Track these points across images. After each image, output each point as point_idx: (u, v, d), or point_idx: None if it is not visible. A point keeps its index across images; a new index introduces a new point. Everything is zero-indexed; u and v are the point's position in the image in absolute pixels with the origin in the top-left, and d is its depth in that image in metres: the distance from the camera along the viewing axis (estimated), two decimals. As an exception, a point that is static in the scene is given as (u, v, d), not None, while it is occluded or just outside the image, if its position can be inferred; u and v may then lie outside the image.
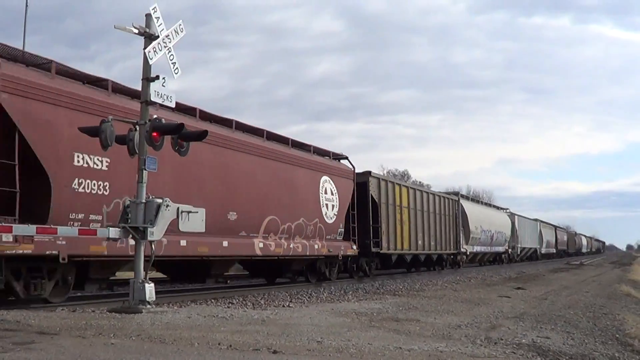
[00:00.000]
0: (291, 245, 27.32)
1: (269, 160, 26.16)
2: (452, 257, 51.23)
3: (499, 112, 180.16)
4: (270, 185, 26.02)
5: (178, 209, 16.43)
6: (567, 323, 16.70)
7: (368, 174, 35.67)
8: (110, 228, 16.02)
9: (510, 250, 69.15)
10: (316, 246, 29.32)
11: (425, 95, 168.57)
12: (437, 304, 19.92)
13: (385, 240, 36.57)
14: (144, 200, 15.97)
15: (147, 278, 15.88)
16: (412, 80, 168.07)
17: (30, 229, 15.36)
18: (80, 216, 17.26)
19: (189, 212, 16.81)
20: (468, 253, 53.71)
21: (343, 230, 32.18)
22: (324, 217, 30.30)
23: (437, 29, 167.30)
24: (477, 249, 57.31)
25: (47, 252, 16.18)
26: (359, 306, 18.39)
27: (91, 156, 17.61)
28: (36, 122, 16.37)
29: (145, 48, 16.08)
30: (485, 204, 73.37)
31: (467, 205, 55.60)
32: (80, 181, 17.33)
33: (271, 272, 30.27)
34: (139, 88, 16.73)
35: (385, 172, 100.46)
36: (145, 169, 16.08)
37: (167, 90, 16.59)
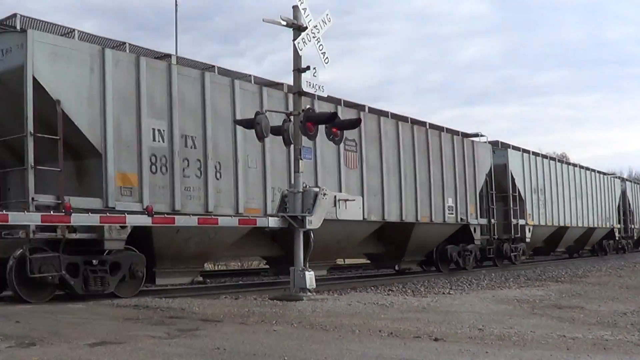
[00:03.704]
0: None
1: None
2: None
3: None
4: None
5: (335, 197, 16.52)
6: None
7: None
8: (270, 217, 16.29)
9: None
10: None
11: (579, 74, 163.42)
12: (600, 290, 19.35)
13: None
14: (301, 190, 16.13)
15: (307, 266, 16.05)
16: (565, 60, 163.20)
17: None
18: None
19: (346, 200, 16.89)
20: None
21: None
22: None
23: (587, 6, 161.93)
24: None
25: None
26: (520, 293, 18.06)
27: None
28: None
29: (294, 39, 16.22)
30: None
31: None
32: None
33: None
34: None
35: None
36: (301, 159, 16.25)
37: (318, 80, 16.69)
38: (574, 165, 43.58)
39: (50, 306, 13.62)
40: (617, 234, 48.60)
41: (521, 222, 33.22)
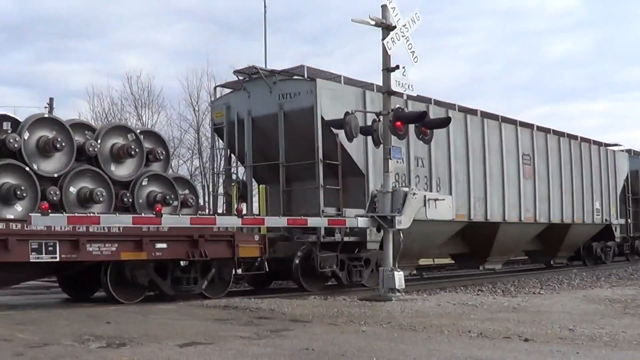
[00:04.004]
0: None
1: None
2: None
3: None
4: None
5: (425, 196, 16.51)
6: None
7: None
8: (359, 217, 16.37)
9: None
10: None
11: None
12: (698, 290, 18.93)
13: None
14: (390, 190, 16.16)
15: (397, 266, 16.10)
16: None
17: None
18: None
19: (435, 199, 16.86)
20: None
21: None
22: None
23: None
24: None
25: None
26: (612, 292, 17.77)
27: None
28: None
29: (383, 39, 16.26)
30: None
31: None
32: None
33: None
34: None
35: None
36: (391, 159, 16.28)
37: (408, 80, 16.71)
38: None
39: (140, 307, 13.98)
40: None
41: None
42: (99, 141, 16.04)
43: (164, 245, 15.63)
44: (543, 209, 27.96)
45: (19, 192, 14.39)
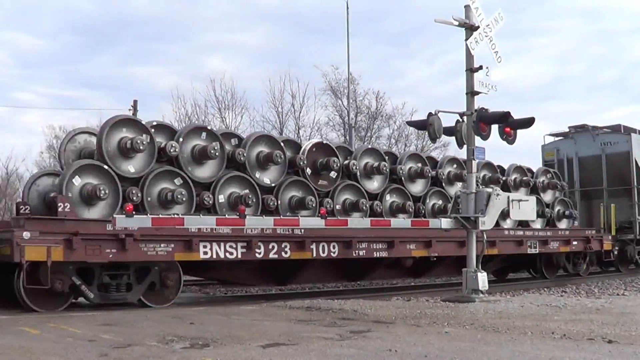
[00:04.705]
0: None
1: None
2: None
3: None
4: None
5: (508, 197, 16.48)
6: None
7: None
8: (442, 219, 16.40)
9: None
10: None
11: None
12: None
13: None
14: (474, 190, 16.16)
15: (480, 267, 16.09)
16: None
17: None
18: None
19: (519, 200, 16.80)
20: None
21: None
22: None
23: None
24: None
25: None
26: (701, 294, 17.51)
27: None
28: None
29: (466, 39, 16.26)
30: None
31: None
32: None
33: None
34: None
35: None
36: (474, 159, 16.28)
37: (491, 80, 16.68)
38: None
39: (223, 308, 14.22)
40: None
41: None
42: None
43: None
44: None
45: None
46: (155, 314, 13.19)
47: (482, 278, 15.76)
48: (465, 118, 16.40)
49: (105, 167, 15.18)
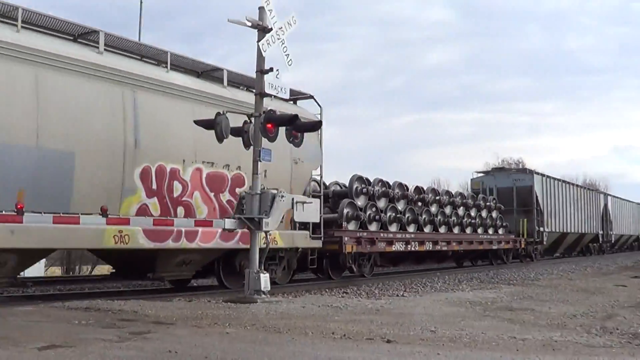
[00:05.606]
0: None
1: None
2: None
3: (614, 99, 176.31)
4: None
5: (293, 199, 16.58)
6: (686, 313, 16.20)
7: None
8: (226, 219, 16.30)
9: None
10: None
11: (539, 82, 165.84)
12: (551, 293, 19.63)
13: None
14: (259, 192, 16.16)
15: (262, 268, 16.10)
16: (525, 68, 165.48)
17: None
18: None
19: (303, 202, 16.94)
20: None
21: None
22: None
23: (548, 15, 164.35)
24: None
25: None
26: (473, 295, 18.25)
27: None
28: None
29: (259, 41, 16.26)
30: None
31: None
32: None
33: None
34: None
35: (500, 160, 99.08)
36: (260, 161, 16.26)
37: (281, 82, 16.75)
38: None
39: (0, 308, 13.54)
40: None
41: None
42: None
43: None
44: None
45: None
46: None
47: (265, 279, 15.77)
48: (253, 119, 16.36)
49: None
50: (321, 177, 23.54)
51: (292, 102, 22.85)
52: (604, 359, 9.09)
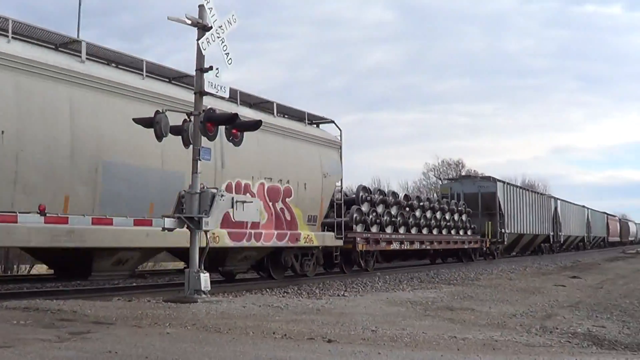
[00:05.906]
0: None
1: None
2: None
3: (553, 101, 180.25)
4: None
5: (232, 198, 16.51)
6: (623, 312, 16.52)
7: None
8: (166, 218, 16.15)
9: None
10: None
11: (479, 84, 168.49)
12: (492, 292, 19.85)
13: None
14: (198, 191, 16.05)
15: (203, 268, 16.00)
16: (465, 70, 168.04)
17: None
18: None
19: (243, 202, 16.87)
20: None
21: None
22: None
23: (489, 17, 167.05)
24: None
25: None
26: (414, 295, 18.35)
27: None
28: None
29: (198, 39, 16.17)
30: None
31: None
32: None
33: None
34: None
35: (439, 161, 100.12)
36: (200, 160, 16.15)
37: (221, 81, 16.66)
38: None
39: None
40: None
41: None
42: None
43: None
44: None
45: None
46: None
47: (205, 278, 15.66)
48: (192, 118, 16.24)
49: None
50: (342, 188, 29.39)
51: (315, 125, 27.41)
52: (544, 358, 9.22)
